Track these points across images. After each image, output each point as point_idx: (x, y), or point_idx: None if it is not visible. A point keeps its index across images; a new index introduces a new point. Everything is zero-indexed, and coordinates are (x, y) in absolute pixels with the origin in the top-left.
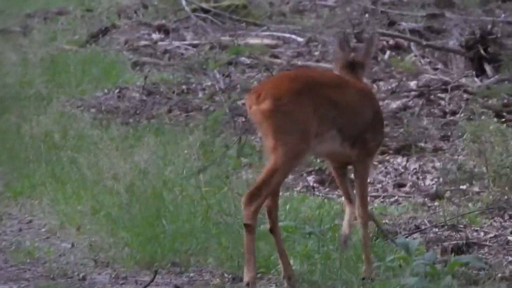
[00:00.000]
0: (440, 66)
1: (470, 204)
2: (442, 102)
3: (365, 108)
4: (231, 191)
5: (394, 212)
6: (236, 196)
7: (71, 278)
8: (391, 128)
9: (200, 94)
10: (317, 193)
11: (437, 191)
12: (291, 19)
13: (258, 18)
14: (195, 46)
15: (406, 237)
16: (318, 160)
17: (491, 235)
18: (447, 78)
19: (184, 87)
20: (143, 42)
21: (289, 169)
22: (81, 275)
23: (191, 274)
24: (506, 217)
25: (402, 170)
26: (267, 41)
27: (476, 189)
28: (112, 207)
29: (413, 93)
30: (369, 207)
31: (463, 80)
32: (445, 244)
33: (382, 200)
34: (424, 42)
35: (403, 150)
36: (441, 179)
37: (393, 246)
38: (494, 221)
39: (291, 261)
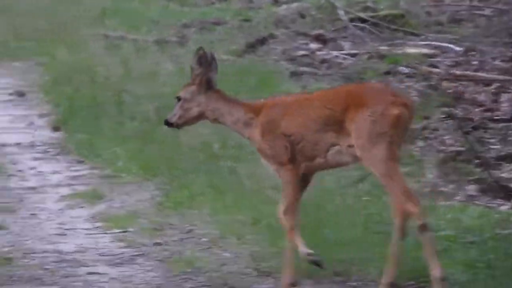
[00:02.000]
0: None
1: None
2: None
3: None
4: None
5: None
6: None
7: None
8: None
9: None
10: (478, 202)
11: None
12: (448, 29)
13: (415, 27)
14: (353, 55)
15: None
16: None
17: None
18: None
19: None
20: (300, 52)
21: None
22: (242, 285)
23: (354, 284)
24: None
25: None
26: (425, 50)
27: None
28: (272, 217)
29: None
30: None
31: None
32: None
33: None
34: None
35: None
36: None
37: None
38: None
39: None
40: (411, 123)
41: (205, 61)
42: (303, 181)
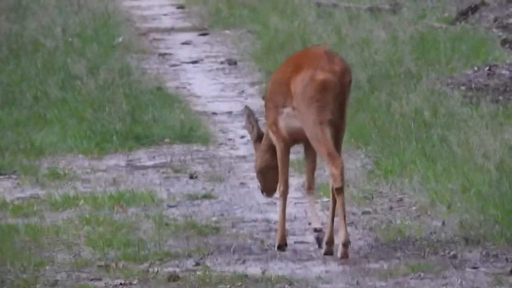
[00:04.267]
0: None
1: None
2: None
3: None
4: None
5: None
6: None
7: (442, 256)
8: None
9: None
10: None
11: None
12: None
13: None
14: None
15: None
16: None
17: None
18: None
19: None
20: None
21: None
22: (451, 253)
23: None
24: None
25: None
26: None
27: None
28: (483, 185)
29: None
30: None
31: None
32: None
33: None
34: None
35: None
36: None
37: None
38: None
39: None
40: (343, 89)
41: (254, 119)
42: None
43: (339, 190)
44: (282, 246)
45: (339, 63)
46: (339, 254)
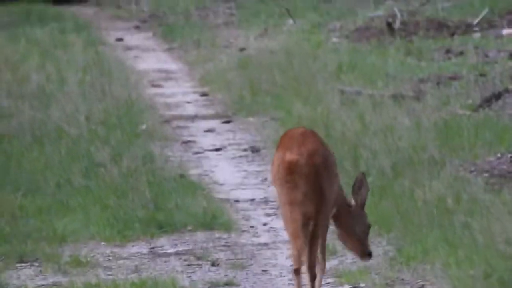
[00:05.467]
0: None
1: None
2: None
3: None
4: None
5: None
6: None
7: None
8: None
9: None
10: None
11: None
12: None
13: None
14: None
15: None
16: None
17: None
18: None
19: None
20: None
21: None
22: None
23: None
24: None
25: None
26: None
27: None
28: (504, 271)
29: None
30: None
31: None
32: None
33: None
34: None
35: None
36: None
37: None
38: None
39: None
40: (314, 171)
41: (366, 184)
42: None
43: (296, 272)
44: None
45: (309, 144)
46: None
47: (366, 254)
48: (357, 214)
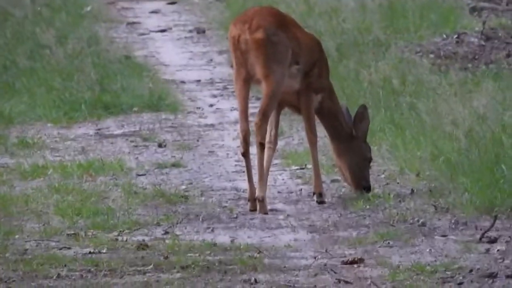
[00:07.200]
0: None
1: None
2: None
3: (314, 51)
4: None
5: None
6: None
7: (411, 224)
8: None
9: None
10: None
11: None
12: None
13: None
14: None
15: None
16: None
17: None
18: None
19: None
20: None
21: (278, 97)
22: (420, 221)
23: None
24: None
25: None
26: None
27: None
28: (451, 153)
29: None
30: None
31: None
32: None
33: None
34: None
35: None
36: None
37: None
38: None
39: None
40: (256, 45)
41: (367, 117)
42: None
43: (262, 145)
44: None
45: (256, 21)
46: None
47: (361, 187)
48: (357, 145)
